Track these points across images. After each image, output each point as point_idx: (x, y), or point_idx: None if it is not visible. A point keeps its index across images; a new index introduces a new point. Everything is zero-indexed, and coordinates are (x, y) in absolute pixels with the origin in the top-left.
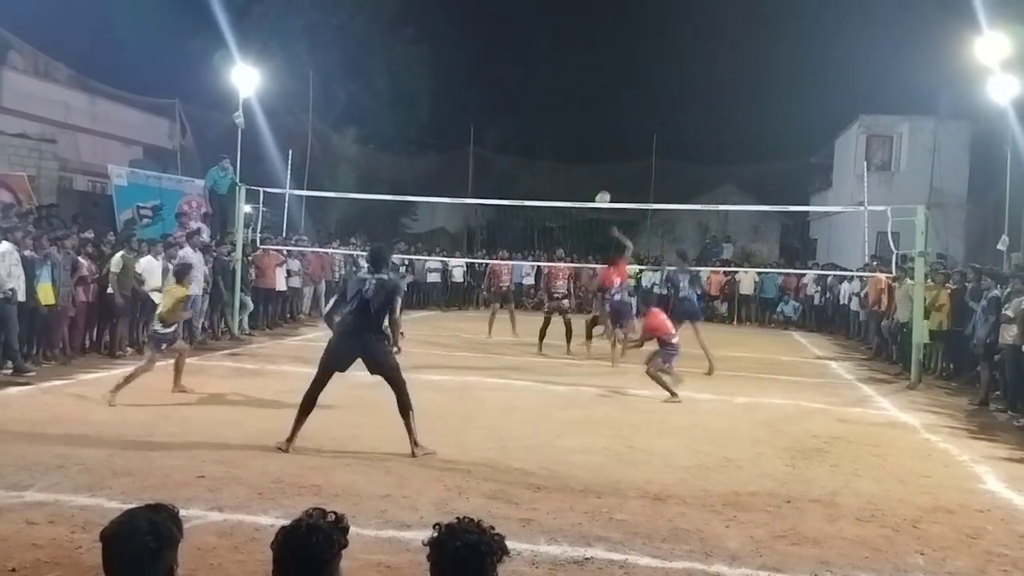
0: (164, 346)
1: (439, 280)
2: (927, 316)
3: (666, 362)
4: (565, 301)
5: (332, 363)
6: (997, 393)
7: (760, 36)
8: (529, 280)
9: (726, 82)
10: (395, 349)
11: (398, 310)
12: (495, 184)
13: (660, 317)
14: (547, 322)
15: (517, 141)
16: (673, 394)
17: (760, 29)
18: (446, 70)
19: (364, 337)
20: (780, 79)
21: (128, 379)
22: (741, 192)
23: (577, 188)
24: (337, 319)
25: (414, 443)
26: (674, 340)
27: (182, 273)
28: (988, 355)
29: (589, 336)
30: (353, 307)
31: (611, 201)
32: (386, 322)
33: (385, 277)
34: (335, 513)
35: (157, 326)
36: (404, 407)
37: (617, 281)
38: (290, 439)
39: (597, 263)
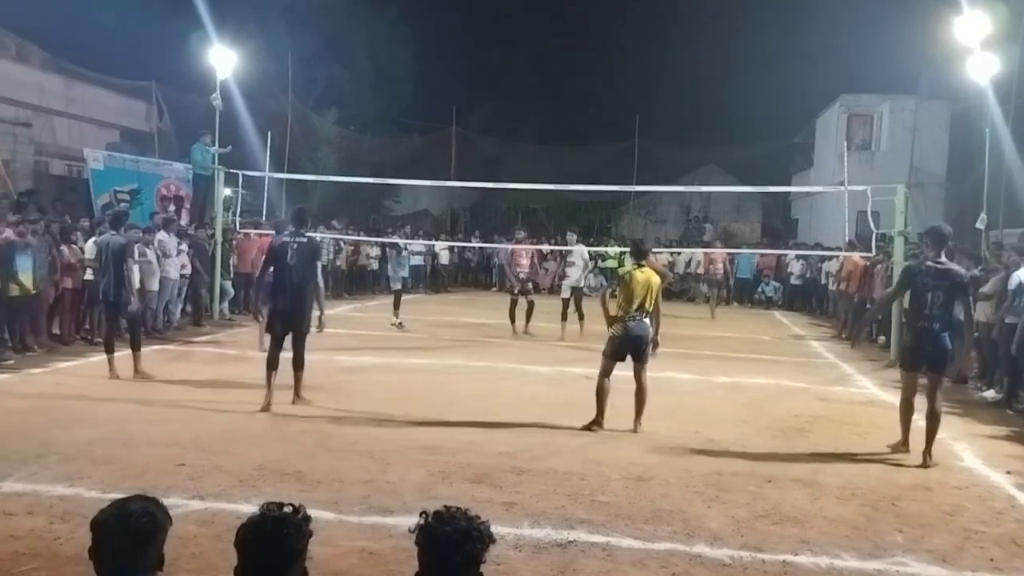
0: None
1: (422, 263)
2: None
3: None
4: (529, 283)
5: (274, 331)
6: (975, 371)
7: (742, 16)
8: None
9: (708, 63)
10: (317, 328)
11: (319, 276)
12: (478, 166)
13: None
14: (514, 303)
15: (500, 123)
16: None
17: (741, 9)
18: (428, 51)
19: (293, 305)
20: (762, 59)
21: None
22: (724, 172)
23: (561, 169)
24: (268, 282)
25: (297, 393)
26: None
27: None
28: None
29: (564, 318)
30: (279, 276)
31: (594, 183)
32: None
33: (305, 240)
34: (292, 505)
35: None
36: (300, 363)
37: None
38: (268, 398)
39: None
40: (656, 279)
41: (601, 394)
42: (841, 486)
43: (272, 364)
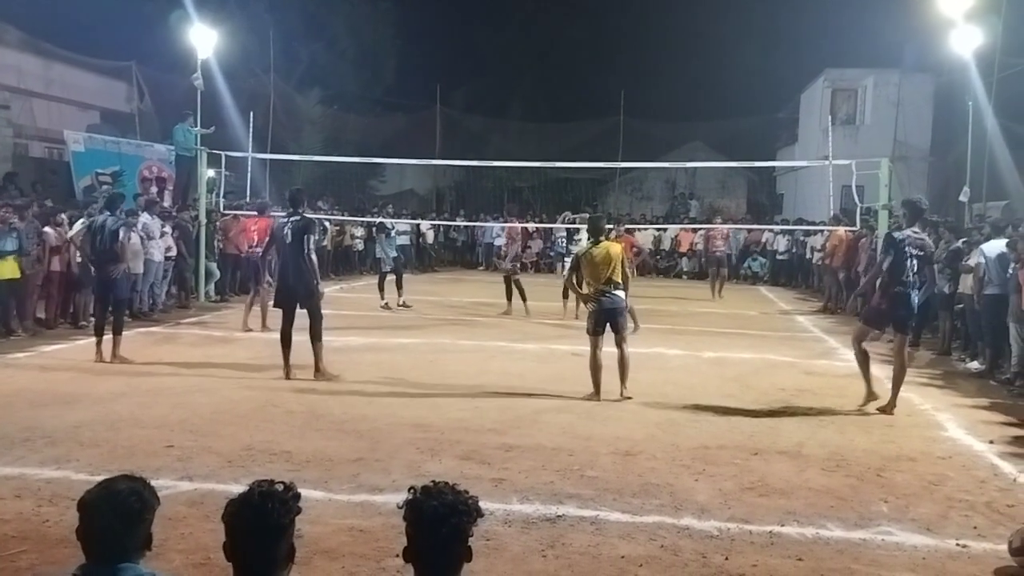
0: None
1: (408, 242)
2: None
3: None
4: (508, 263)
5: (282, 305)
6: (958, 342)
7: None
8: (500, 241)
9: (692, 39)
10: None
11: (309, 248)
12: (464, 145)
13: None
14: (506, 283)
15: (485, 101)
16: None
17: None
18: (411, 28)
19: (294, 282)
20: (746, 34)
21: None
22: (709, 149)
23: (546, 148)
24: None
25: (317, 368)
26: None
27: None
28: (948, 305)
29: (565, 295)
30: (281, 256)
31: (579, 161)
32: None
33: (298, 218)
34: (283, 483)
35: None
36: (316, 336)
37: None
38: (287, 369)
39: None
40: (616, 248)
41: (595, 370)
42: (826, 457)
43: (286, 339)
